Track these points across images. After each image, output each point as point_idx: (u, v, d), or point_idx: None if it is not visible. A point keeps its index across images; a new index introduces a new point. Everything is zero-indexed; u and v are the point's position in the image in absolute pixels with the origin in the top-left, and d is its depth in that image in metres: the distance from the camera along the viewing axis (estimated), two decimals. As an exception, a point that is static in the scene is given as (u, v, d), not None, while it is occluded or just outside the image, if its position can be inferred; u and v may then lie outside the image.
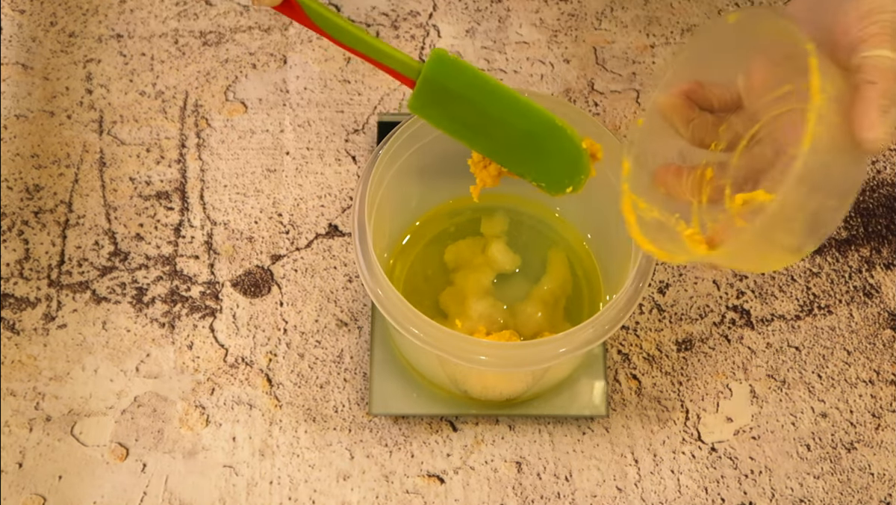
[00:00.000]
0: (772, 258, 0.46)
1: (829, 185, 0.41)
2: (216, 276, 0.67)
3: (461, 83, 0.49)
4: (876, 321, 0.67)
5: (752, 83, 0.48)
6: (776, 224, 0.41)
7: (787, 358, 0.66)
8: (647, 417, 0.64)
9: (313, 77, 0.75)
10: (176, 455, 0.62)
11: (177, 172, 0.71)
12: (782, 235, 0.43)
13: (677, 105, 0.49)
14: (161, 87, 0.74)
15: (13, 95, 0.73)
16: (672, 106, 0.49)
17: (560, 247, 0.65)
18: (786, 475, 0.62)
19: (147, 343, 0.65)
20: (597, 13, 0.78)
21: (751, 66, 0.48)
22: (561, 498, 0.61)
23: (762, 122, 0.48)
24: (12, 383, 0.64)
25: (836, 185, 0.42)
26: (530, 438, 0.63)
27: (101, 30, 0.76)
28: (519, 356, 0.52)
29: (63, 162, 0.71)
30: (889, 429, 0.64)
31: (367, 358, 0.65)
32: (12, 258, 0.68)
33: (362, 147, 0.72)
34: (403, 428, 0.63)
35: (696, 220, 0.50)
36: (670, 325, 0.67)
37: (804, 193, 0.40)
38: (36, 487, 0.61)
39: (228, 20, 0.77)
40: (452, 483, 0.62)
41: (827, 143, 0.40)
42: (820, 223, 0.43)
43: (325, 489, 0.61)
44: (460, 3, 0.78)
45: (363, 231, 0.54)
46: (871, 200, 0.71)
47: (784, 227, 0.42)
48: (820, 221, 0.43)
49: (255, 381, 0.64)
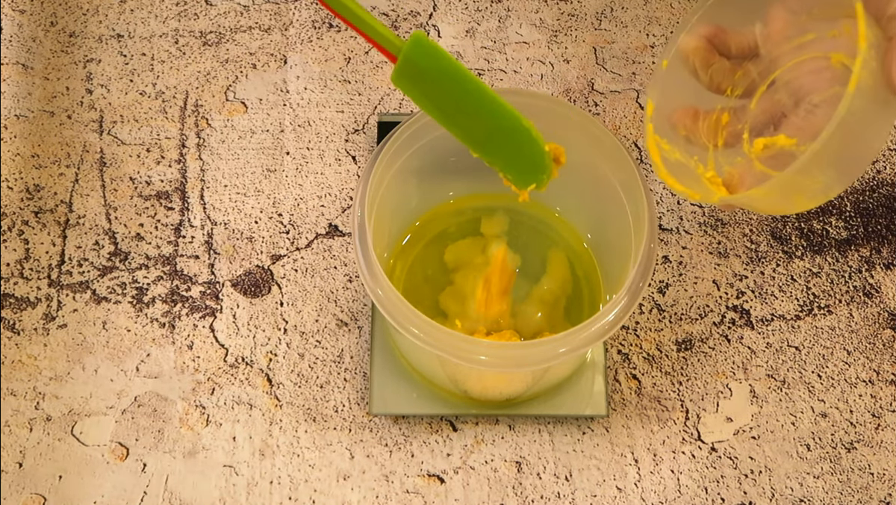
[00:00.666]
0: (797, 200, 0.46)
1: (864, 131, 0.42)
2: (216, 276, 0.68)
3: (436, 69, 0.50)
4: (876, 321, 0.67)
5: (770, 31, 0.49)
6: (811, 167, 0.41)
7: (787, 358, 0.66)
8: (647, 417, 0.64)
9: (313, 77, 0.75)
10: (176, 455, 0.62)
11: (177, 172, 0.71)
12: (813, 178, 0.43)
13: (700, 48, 0.50)
14: (161, 87, 0.74)
15: (13, 95, 0.73)
16: (695, 49, 0.50)
17: (560, 247, 0.65)
18: (786, 475, 0.62)
19: (147, 343, 0.65)
20: (597, 13, 0.78)
21: (769, 14, 0.48)
22: (561, 498, 0.61)
23: (782, 70, 0.49)
24: (12, 383, 0.64)
25: (871, 131, 0.42)
26: (530, 438, 0.63)
27: (102, 30, 0.76)
28: (519, 356, 0.52)
29: (63, 162, 0.71)
30: (889, 429, 0.64)
31: (367, 358, 0.65)
32: (12, 258, 0.68)
33: (362, 147, 0.72)
34: (403, 428, 0.63)
35: (711, 164, 0.51)
36: (670, 325, 0.67)
37: (842, 138, 0.40)
38: (36, 487, 0.61)
39: (228, 20, 0.77)
40: (452, 483, 0.62)
41: (867, 89, 0.40)
42: (850, 168, 0.43)
43: (326, 489, 0.61)
44: (460, 3, 0.78)
45: (363, 231, 0.54)
46: (871, 200, 0.71)
47: (817, 170, 0.42)
48: (850, 166, 0.43)
49: (256, 381, 0.64)
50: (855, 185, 0.72)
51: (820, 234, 0.70)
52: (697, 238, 0.70)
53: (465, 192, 0.66)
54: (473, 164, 0.63)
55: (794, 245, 0.70)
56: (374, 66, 0.75)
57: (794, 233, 0.70)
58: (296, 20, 0.77)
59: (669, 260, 0.69)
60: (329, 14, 0.77)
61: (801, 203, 0.46)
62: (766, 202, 0.47)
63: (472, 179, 0.65)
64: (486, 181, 0.65)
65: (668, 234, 0.70)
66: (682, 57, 0.51)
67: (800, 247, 0.70)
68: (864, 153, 0.43)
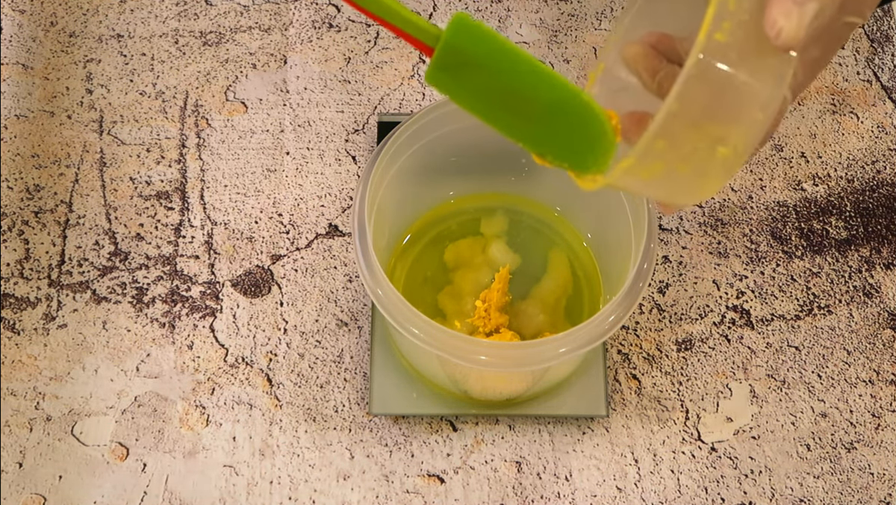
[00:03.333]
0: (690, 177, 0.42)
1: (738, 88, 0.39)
2: (216, 276, 0.68)
3: (484, 51, 0.45)
4: (876, 321, 0.67)
5: None
6: (674, 129, 0.39)
7: (787, 358, 0.66)
8: (647, 417, 0.64)
9: (313, 77, 0.75)
10: (176, 455, 0.62)
11: (177, 172, 0.71)
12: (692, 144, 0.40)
13: (643, 55, 0.47)
14: (161, 87, 0.74)
15: (13, 95, 0.73)
16: (638, 55, 0.47)
17: (560, 247, 0.65)
18: (786, 475, 0.62)
19: (147, 343, 0.65)
20: (597, 13, 0.78)
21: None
22: (561, 498, 0.61)
23: None
24: (12, 383, 0.64)
25: (747, 88, 0.40)
26: (530, 438, 0.63)
27: (102, 30, 0.76)
28: (519, 356, 0.52)
29: (63, 162, 0.71)
30: (889, 429, 0.64)
31: (367, 358, 0.65)
32: (12, 258, 0.68)
33: (362, 147, 0.72)
34: (403, 428, 0.63)
35: None
36: (670, 325, 0.67)
37: (709, 93, 0.38)
38: (36, 487, 0.61)
39: (228, 20, 0.77)
40: (452, 483, 0.62)
41: (735, 42, 0.38)
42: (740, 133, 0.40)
43: (326, 489, 0.61)
44: (460, 3, 0.78)
45: (363, 231, 0.54)
46: (871, 200, 0.71)
47: (685, 133, 0.40)
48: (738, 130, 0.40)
49: (256, 381, 0.64)
50: (855, 185, 0.72)
51: (820, 235, 0.70)
52: (697, 238, 0.70)
53: (465, 192, 0.66)
54: (473, 164, 0.63)
55: (794, 245, 0.70)
56: (374, 66, 0.75)
57: (794, 233, 0.70)
58: (296, 20, 0.77)
59: (669, 260, 0.69)
60: (329, 14, 0.77)
61: (702, 183, 0.43)
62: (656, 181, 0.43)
63: (472, 179, 0.65)
64: (486, 181, 0.65)
65: (668, 234, 0.70)
66: (626, 63, 0.48)
67: (800, 247, 0.70)
68: (750, 113, 0.40)
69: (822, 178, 0.72)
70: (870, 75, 0.76)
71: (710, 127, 0.40)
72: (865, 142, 0.73)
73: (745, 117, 0.40)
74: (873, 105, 0.75)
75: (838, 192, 0.71)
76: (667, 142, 0.40)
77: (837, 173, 0.72)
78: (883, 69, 0.76)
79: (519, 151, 0.61)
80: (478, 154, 0.61)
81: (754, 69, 0.40)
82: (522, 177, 0.65)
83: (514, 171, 0.65)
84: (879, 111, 0.74)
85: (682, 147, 0.41)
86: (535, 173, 0.64)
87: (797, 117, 0.74)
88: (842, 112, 0.74)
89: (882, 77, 0.76)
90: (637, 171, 0.42)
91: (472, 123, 0.59)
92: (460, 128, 0.59)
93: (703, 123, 0.40)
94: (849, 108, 0.75)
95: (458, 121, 0.58)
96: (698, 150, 0.41)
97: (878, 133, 0.74)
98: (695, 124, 0.40)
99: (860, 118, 0.74)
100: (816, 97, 0.75)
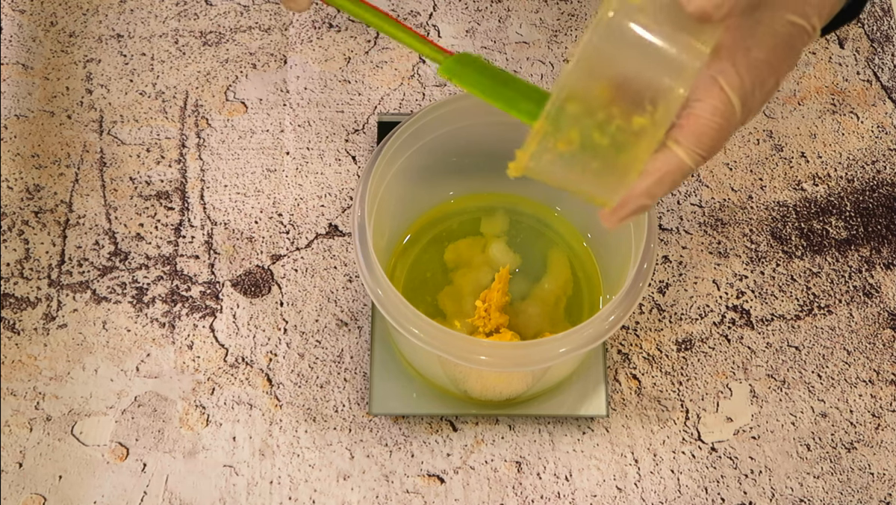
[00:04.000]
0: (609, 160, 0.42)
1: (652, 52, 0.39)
2: (216, 276, 0.68)
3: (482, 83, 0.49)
4: (876, 321, 0.67)
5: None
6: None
7: (787, 358, 0.66)
8: (647, 416, 0.64)
9: (313, 77, 0.75)
10: (176, 455, 0.62)
11: (177, 172, 0.71)
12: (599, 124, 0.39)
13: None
14: (161, 87, 0.74)
15: (13, 95, 0.73)
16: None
17: (560, 247, 0.65)
18: (786, 475, 0.62)
19: (147, 343, 0.65)
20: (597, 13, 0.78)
21: None
22: (561, 498, 0.61)
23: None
24: (12, 383, 0.64)
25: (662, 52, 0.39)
26: (530, 438, 0.63)
27: (101, 30, 0.76)
28: (519, 356, 0.52)
29: (63, 162, 0.71)
30: (889, 429, 0.64)
31: (367, 358, 0.65)
32: (12, 258, 0.68)
33: (362, 147, 0.72)
34: (403, 428, 0.63)
35: None
36: (670, 325, 0.67)
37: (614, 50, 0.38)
38: (36, 487, 0.61)
39: (228, 20, 0.77)
40: (452, 483, 0.62)
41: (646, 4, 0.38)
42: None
43: (326, 489, 0.61)
44: (460, 2, 0.78)
45: (363, 231, 0.54)
46: (870, 200, 0.71)
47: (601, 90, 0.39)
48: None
49: (256, 381, 0.64)
50: (855, 185, 0.72)
51: (820, 235, 0.70)
52: (697, 238, 0.70)
53: (465, 192, 0.66)
54: (473, 164, 0.63)
55: (794, 245, 0.70)
56: (374, 66, 0.75)
57: (794, 233, 0.70)
58: (296, 20, 0.77)
59: (669, 260, 0.69)
60: (329, 14, 0.77)
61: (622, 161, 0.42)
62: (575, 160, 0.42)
63: (472, 179, 0.65)
64: (486, 181, 0.65)
65: (668, 234, 0.70)
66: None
67: (800, 247, 0.70)
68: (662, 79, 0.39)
69: (822, 178, 0.72)
70: (870, 75, 0.76)
71: (623, 92, 0.39)
72: (865, 142, 0.73)
73: (658, 83, 0.39)
74: (873, 105, 0.75)
75: (838, 193, 0.71)
76: (579, 104, 0.39)
77: (837, 173, 0.72)
78: (883, 69, 0.76)
79: (519, 151, 0.61)
80: (478, 154, 0.61)
81: (668, 37, 0.39)
82: (522, 177, 0.65)
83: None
84: (879, 111, 0.74)
85: (596, 112, 0.40)
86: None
87: (797, 117, 0.74)
88: (842, 112, 0.74)
89: (882, 77, 0.76)
90: (553, 139, 0.41)
91: (472, 123, 0.59)
92: (460, 128, 0.59)
93: (615, 86, 0.39)
94: (849, 108, 0.75)
95: (458, 121, 0.58)
96: (613, 117, 0.40)
97: (878, 133, 0.74)
98: (607, 86, 0.39)
99: (860, 118, 0.74)
100: (816, 97, 0.75)
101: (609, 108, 0.40)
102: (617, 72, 0.40)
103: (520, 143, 0.44)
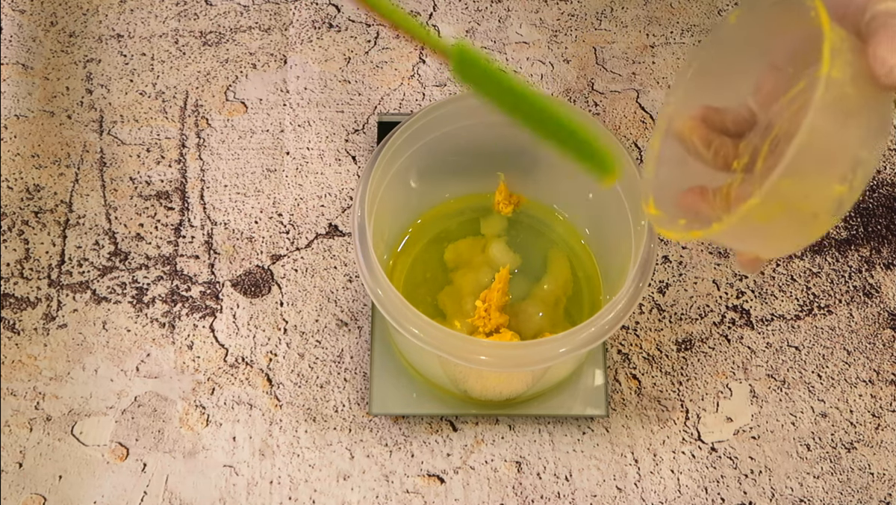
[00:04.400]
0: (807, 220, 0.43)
1: (854, 128, 0.40)
2: (216, 276, 0.68)
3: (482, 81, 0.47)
4: (876, 321, 0.67)
5: (762, 95, 0.48)
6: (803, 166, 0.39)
7: (787, 358, 0.66)
8: (647, 416, 0.64)
9: (313, 77, 0.75)
10: (176, 455, 0.62)
11: (177, 172, 0.71)
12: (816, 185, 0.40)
13: (695, 127, 0.49)
14: (161, 87, 0.74)
15: (13, 95, 0.73)
16: (691, 129, 0.49)
17: (560, 247, 0.65)
18: (786, 475, 0.62)
19: (147, 343, 0.65)
20: (597, 13, 0.78)
21: (760, 80, 0.48)
22: (561, 498, 0.61)
23: (779, 125, 0.48)
24: (12, 383, 0.64)
25: (863, 128, 0.40)
26: (530, 438, 0.63)
27: (101, 30, 0.76)
28: (519, 356, 0.52)
29: (63, 162, 0.71)
30: (889, 429, 0.64)
31: (367, 358, 0.65)
32: (12, 258, 0.68)
33: (362, 147, 0.72)
34: (403, 428, 0.63)
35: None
36: (670, 325, 0.67)
37: (829, 125, 0.39)
38: (36, 487, 0.61)
39: (228, 20, 0.77)
40: (452, 483, 0.62)
41: (848, 85, 0.38)
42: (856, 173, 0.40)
43: (326, 489, 0.61)
44: (460, 3, 0.78)
45: (363, 231, 0.54)
46: (871, 200, 0.71)
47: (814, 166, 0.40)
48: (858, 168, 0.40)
49: (255, 381, 0.64)
50: (855, 185, 0.72)
51: (820, 234, 0.70)
52: (697, 238, 0.70)
53: (465, 193, 0.66)
54: (473, 164, 0.63)
55: (794, 245, 0.70)
56: (374, 66, 0.75)
57: (794, 233, 0.70)
58: (296, 20, 0.77)
59: (669, 260, 0.69)
60: (329, 14, 0.77)
61: (808, 228, 0.43)
62: (766, 227, 0.43)
63: (471, 179, 0.65)
64: (486, 181, 0.65)
65: (668, 234, 0.70)
66: (680, 139, 0.49)
67: (800, 247, 0.70)
68: (863, 149, 0.42)
69: (822, 178, 0.72)
70: (870, 75, 0.76)
71: (831, 165, 0.40)
72: (865, 142, 0.73)
73: (860, 154, 0.41)
74: (873, 105, 0.75)
75: (838, 192, 0.71)
76: (792, 181, 0.40)
77: (837, 173, 0.72)
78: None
79: (519, 151, 0.61)
80: (477, 154, 0.61)
81: (864, 105, 0.40)
82: (522, 177, 0.65)
83: (513, 171, 0.65)
84: (879, 111, 0.74)
85: (805, 186, 0.41)
86: (534, 173, 0.64)
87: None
88: (842, 112, 0.74)
89: (882, 77, 0.76)
90: (757, 215, 0.42)
91: (472, 123, 0.59)
92: (459, 128, 0.59)
93: (824, 160, 0.40)
94: (849, 108, 0.74)
95: (458, 121, 0.58)
96: (818, 188, 0.41)
97: (878, 133, 0.74)
98: (818, 161, 0.40)
99: (860, 118, 0.74)
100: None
101: (816, 180, 0.41)
102: (829, 145, 0.40)
103: (520, 142, 0.44)
